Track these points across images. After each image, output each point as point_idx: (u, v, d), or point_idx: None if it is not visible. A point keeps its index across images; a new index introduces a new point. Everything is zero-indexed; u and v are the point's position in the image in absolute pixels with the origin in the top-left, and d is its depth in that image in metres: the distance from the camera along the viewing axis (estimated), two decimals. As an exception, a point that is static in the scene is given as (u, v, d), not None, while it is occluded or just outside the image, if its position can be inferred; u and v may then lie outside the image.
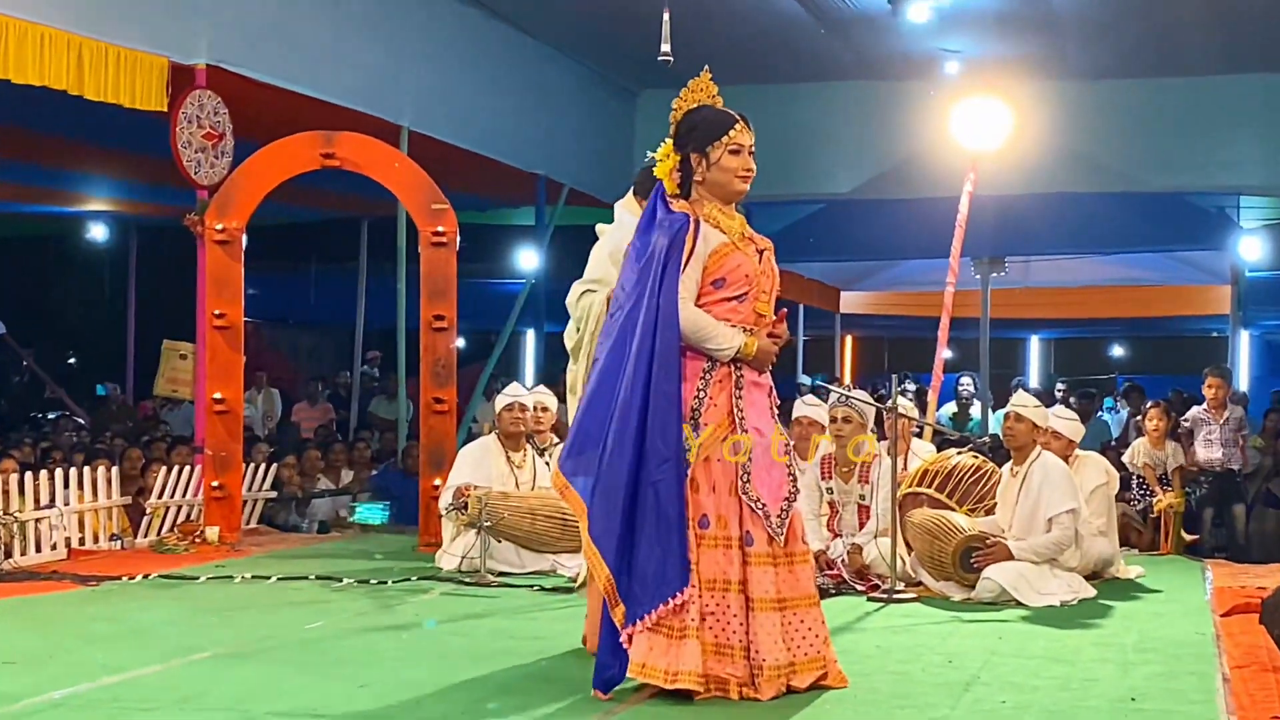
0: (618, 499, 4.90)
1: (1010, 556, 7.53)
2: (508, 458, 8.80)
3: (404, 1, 12.77)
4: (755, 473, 5.01)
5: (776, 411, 5.24)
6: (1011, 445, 7.96)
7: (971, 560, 7.56)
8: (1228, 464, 11.09)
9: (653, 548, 4.87)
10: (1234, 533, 11.21)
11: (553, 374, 15.62)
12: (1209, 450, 11.06)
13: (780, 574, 5.03)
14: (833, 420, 8.26)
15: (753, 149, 5.12)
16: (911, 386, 14.27)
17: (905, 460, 8.59)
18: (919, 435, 9.42)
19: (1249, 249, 16.72)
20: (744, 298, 5.07)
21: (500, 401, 9.00)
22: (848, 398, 8.34)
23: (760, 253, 5.16)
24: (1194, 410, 11.26)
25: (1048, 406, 8.68)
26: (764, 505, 4.98)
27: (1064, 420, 8.58)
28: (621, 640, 4.94)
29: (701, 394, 5.01)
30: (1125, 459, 10.92)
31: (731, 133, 5.09)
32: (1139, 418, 13.03)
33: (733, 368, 5.07)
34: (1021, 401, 8.14)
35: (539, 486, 8.72)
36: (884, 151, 16.49)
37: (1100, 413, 16.89)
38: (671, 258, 4.97)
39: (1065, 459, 8.20)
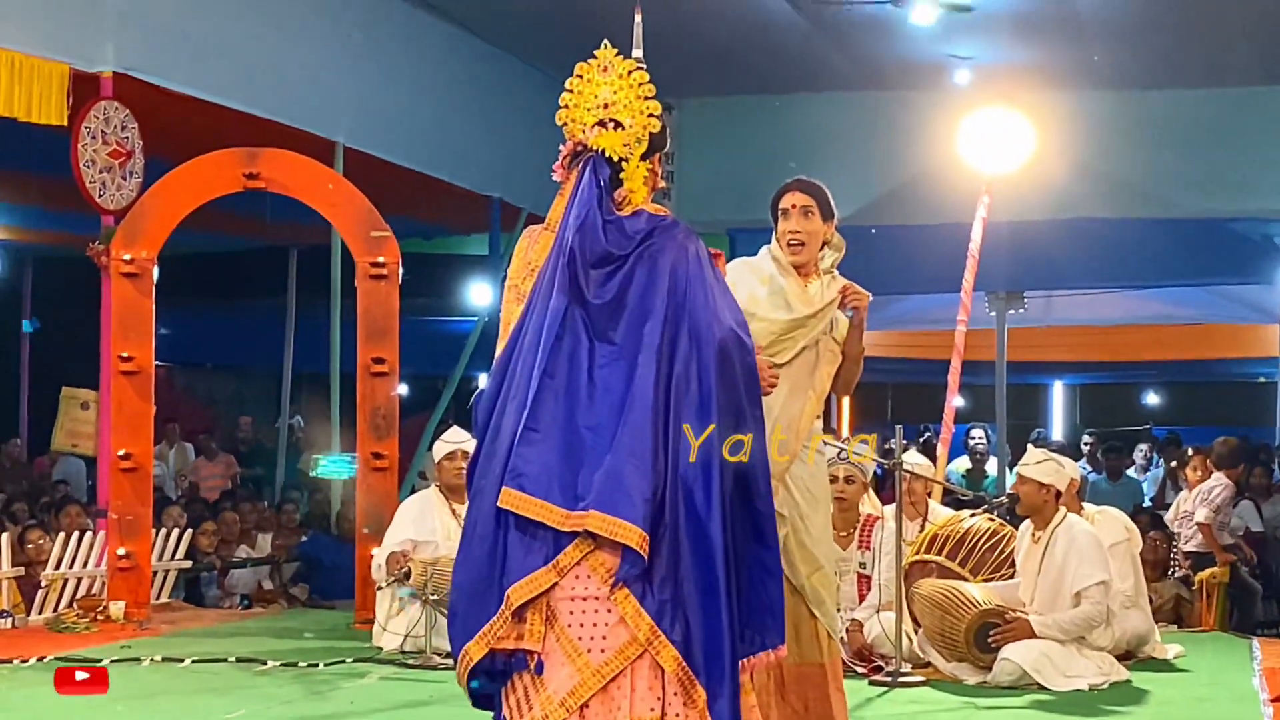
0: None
1: (1032, 634, 7.53)
2: (452, 511, 8.77)
3: (340, 0, 12.80)
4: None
5: None
6: (1022, 512, 7.92)
7: (988, 638, 7.56)
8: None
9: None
10: None
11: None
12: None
13: None
14: (832, 480, 8.23)
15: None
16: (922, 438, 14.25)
17: (923, 525, 8.57)
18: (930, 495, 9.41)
19: (1300, 282, 16.78)
20: None
21: (440, 449, 8.96)
22: (845, 452, 8.33)
23: None
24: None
25: (1076, 460, 8.59)
26: None
27: (1036, 465, 7.93)
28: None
29: None
30: (1169, 518, 10.93)
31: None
32: (1179, 470, 13.03)
33: None
34: (1025, 461, 8.02)
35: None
36: (885, 172, 16.51)
37: (1129, 469, 16.90)
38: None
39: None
